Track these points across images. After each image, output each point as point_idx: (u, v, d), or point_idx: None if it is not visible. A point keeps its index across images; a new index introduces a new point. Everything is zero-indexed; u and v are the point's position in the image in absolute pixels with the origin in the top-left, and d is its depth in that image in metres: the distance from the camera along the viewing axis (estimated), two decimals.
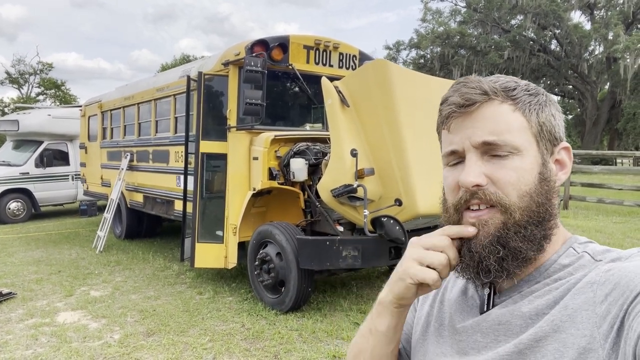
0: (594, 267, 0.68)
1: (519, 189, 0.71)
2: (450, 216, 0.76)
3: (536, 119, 0.74)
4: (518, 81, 0.76)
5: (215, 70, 5.55)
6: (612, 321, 0.61)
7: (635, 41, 24.57)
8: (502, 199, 0.70)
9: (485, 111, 0.73)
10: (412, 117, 4.02)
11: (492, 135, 0.71)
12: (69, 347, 4.06)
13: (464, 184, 0.72)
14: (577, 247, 0.73)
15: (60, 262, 7.09)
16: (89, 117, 10.09)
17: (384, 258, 4.44)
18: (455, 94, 0.75)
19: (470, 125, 0.73)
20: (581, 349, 0.62)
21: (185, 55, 45.59)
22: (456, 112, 0.74)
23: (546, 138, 0.74)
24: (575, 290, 0.67)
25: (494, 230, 0.71)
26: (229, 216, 5.33)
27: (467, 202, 0.73)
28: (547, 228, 0.72)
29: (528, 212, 0.71)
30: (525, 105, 0.74)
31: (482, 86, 0.74)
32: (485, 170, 0.72)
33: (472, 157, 0.72)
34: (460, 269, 0.75)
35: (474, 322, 0.76)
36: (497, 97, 0.73)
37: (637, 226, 9.45)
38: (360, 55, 6.15)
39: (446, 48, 32.66)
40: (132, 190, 8.16)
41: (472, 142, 0.72)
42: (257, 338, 4.20)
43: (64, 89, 41.12)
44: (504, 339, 0.71)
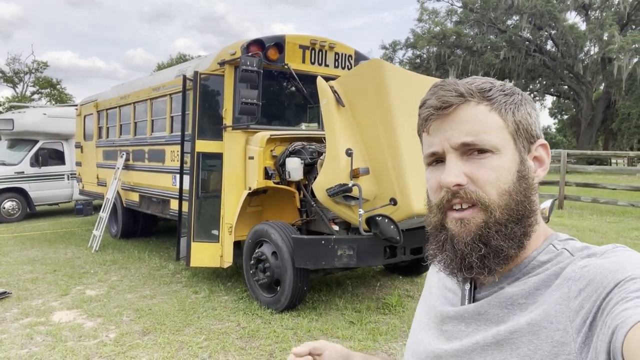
0: (569, 262, 0.70)
1: (498, 187, 0.73)
2: (434, 215, 0.78)
3: (512, 118, 0.76)
4: (493, 82, 0.78)
5: (211, 70, 5.55)
6: (585, 316, 0.63)
7: (630, 42, 24.70)
8: (482, 198, 0.72)
9: (462, 113, 0.75)
10: (407, 116, 4.04)
11: (470, 136, 0.73)
12: (64, 346, 4.06)
13: (445, 184, 0.74)
14: (557, 244, 0.75)
15: (56, 261, 7.08)
16: (84, 116, 10.07)
17: (379, 257, 4.46)
18: (433, 97, 0.77)
19: (448, 127, 0.75)
20: (555, 342, 0.65)
21: (182, 54, 45.55)
22: (434, 115, 0.76)
23: (523, 136, 0.76)
24: (553, 286, 0.69)
25: (476, 228, 0.73)
26: (225, 215, 5.34)
27: (449, 201, 0.75)
28: (527, 225, 0.74)
29: (508, 210, 0.73)
30: (501, 105, 0.75)
31: (458, 88, 0.76)
32: (465, 170, 0.74)
33: (451, 158, 0.75)
34: (444, 265, 0.77)
35: (456, 313, 0.79)
36: (473, 99, 0.75)
37: (630, 225, 9.52)
38: (356, 55, 6.17)
39: (442, 48, 32.73)
40: (128, 190, 8.15)
41: (451, 144, 0.75)
42: (253, 337, 4.22)
43: (59, 88, 40.97)
44: (483, 328, 0.74)
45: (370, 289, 5.56)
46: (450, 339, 0.79)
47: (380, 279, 5.97)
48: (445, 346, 0.79)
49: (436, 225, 0.78)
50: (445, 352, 0.78)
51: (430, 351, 0.81)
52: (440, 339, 0.81)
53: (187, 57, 44.05)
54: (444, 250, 0.77)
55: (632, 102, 28.35)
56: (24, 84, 39.84)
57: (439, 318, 0.83)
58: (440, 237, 0.77)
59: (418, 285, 5.70)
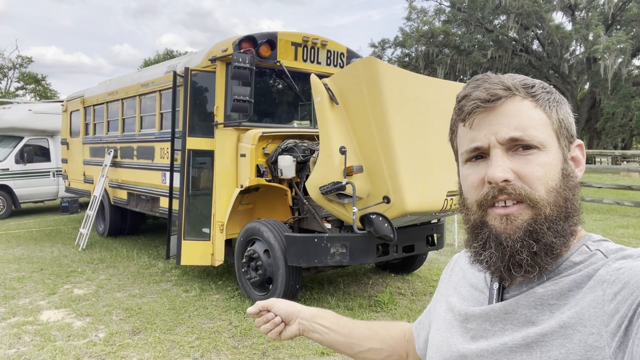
0: (603, 264, 0.68)
1: (547, 184, 0.71)
2: (472, 213, 0.76)
3: (556, 116, 0.74)
4: (533, 79, 0.77)
5: (202, 66, 5.50)
6: (620, 320, 0.61)
7: (615, 42, 25.06)
8: (530, 194, 0.70)
9: (509, 107, 0.73)
10: (401, 115, 4.05)
11: (518, 131, 0.71)
12: (53, 345, 3.99)
13: (493, 179, 0.71)
14: (590, 244, 0.73)
15: (42, 259, 6.97)
16: (71, 112, 9.92)
17: (371, 255, 4.46)
18: (478, 90, 0.74)
19: (495, 121, 0.73)
20: (588, 347, 0.63)
21: (169, 50, 45.15)
22: (480, 107, 0.73)
23: (565, 135, 0.75)
24: (586, 288, 0.67)
25: (526, 224, 0.70)
26: (216, 213, 5.29)
27: (495, 198, 0.72)
28: (574, 224, 0.73)
29: (557, 207, 0.71)
30: (545, 102, 0.74)
31: (504, 82, 0.74)
32: (511, 166, 0.71)
33: (498, 153, 0.72)
34: (487, 263, 0.74)
35: (482, 311, 0.77)
36: (519, 93, 0.73)
37: (616, 223, 9.67)
38: (348, 53, 6.15)
39: (431, 47, 32.90)
40: (116, 187, 8.05)
41: (498, 138, 0.72)
42: (245, 335, 4.19)
43: (44, 83, 40.35)
44: (510, 328, 0.72)
45: (362, 287, 5.56)
46: (475, 338, 0.77)
47: (372, 277, 5.97)
48: (471, 346, 0.77)
49: (476, 223, 0.76)
50: (471, 352, 0.76)
51: (455, 350, 0.79)
52: (465, 338, 0.79)
53: (175, 53, 43.67)
54: (487, 248, 0.73)
55: (617, 102, 28.77)
56: (8, 80, 39.16)
57: (463, 316, 0.81)
58: (483, 235, 0.74)
59: (409, 283, 5.72)
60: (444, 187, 4.21)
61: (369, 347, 1.08)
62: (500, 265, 0.72)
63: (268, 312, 1.13)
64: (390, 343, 1.09)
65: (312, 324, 1.10)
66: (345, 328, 1.10)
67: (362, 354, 1.09)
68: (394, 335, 1.10)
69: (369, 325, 1.11)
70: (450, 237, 7.60)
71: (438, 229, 5.27)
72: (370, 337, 1.09)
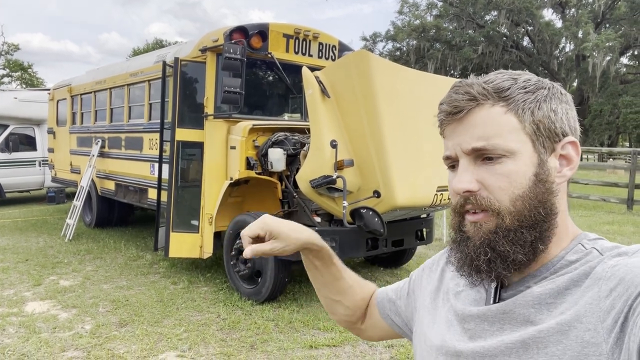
0: (599, 261, 0.69)
1: (512, 193, 0.71)
2: (453, 218, 0.79)
3: (531, 118, 0.72)
4: (517, 78, 0.75)
5: (192, 57, 5.43)
6: (616, 316, 0.61)
7: (604, 40, 25.29)
8: (492, 204, 0.72)
9: (474, 117, 0.73)
10: (392, 109, 4.04)
11: (481, 141, 0.71)
12: (38, 337, 3.94)
13: (456, 190, 0.74)
14: (585, 243, 0.73)
15: (28, 250, 6.88)
16: (57, 101, 9.76)
17: (361, 249, 4.47)
18: (445, 102, 0.76)
19: (461, 132, 0.74)
20: (585, 343, 0.63)
21: (158, 39, 44.62)
22: (446, 120, 0.76)
23: (544, 136, 0.73)
24: (584, 287, 0.68)
25: (485, 233, 0.73)
26: (205, 205, 5.25)
27: (463, 206, 0.75)
28: (543, 230, 0.72)
29: (518, 216, 0.71)
30: (519, 105, 0.72)
31: (470, 91, 0.73)
32: (477, 176, 0.72)
33: (463, 164, 0.74)
34: (458, 266, 0.78)
35: (479, 311, 0.78)
36: (487, 101, 0.73)
37: (602, 220, 9.79)
38: (339, 45, 6.12)
39: (422, 41, 32.93)
40: (103, 178, 7.96)
41: (462, 149, 0.73)
42: (233, 328, 4.18)
43: (31, 71, 39.70)
44: (508, 328, 0.73)
45: None
46: (473, 338, 0.77)
47: (361, 271, 5.98)
48: (468, 345, 0.77)
49: (454, 226, 0.79)
50: (468, 350, 0.76)
51: (450, 347, 0.80)
52: (462, 337, 0.79)
53: (164, 42, 43.18)
54: (459, 251, 0.77)
55: (604, 99, 29.10)
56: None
57: (461, 316, 0.81)
58: (458, 238, 0.78)
59: (398, 277, 5.74)
60: (434, 182, 4.22)
61: (339, 299, 1.10)
62: (466, 268, 0.76)
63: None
64: (358, 304, 1.11)
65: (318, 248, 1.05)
66: (335, 274, 1.09)
67: (328, 300, 1.12)
68: (364, 298, 1.12)
69: (351, 283, 1.11)
70: (439, 232, 7.64)
71: (427, 224, 5.29)
72: (346, 293, 1.10)
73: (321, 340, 3.94)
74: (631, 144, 37.32)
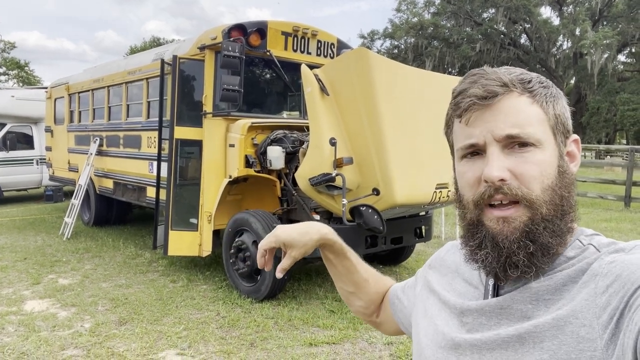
0: (596, 257, 0.69)
1: (542, 182, 0.70)
2: (469, 211, 0.75)
3: (553, 112, 0.73)
4: (530, 73, 0.76)
5: (190, 54, 5.42)
6: (612, 312, 0.62)
7: (602, 37, 25.31)
8: (527, 194, 0.70)
9: (506, 103, 0.71)
10: (392, 107, 4.04)
11: (515, 128, 0.70)
12: (37, 336, 3.94)
13: (490, 179, 0.70)
14: (583, 239, 0.74)
15: (26, 249, 6.86)
16: (55, 99, 9.73)
17: (360, 247, 4.47)
18: (475, 86, 0.73)
19: (491, 118, 0.72)
20: (580, 338, 0.64)
21: (156, 37, 44.51)
22: (477, 104, 0.72)
23: (561, 130, 0.74)
24: (581, 283, 0.68)
25: (523, 225, 0.70)
26: (204, 204, 5.25)
27: (491, 197, 0.71)
28: (570, 221, 0.73)
29: (553, 206, 0.71)
30: (542, 98, 0.73)
31: (501, 78, 0.72)
32: (507, 165, 0.70)
33: (494, 151, 0.71)
34: (483, 263, 0.74)
35: (478, 306, 0.78)
36: (516, 89, 0.72)
37: (600, 217, 9.82)
38: (338, 43, 6.11)
39: (420, 39, 32.91)
40: (102, 176, 7.94)
41: (494, 136, 0.71)
42: (233, 326, 4.18)
43: (28, 69, 39.56)
44: (505, 322, 0.73)
45: None
46: (470, 332, 0.77)
47: None
48: (465, 336, 0.77)
49: (472, 221, 0.75)
50: (465, 342, 0.76)
51: (450, 338, 0.80)
52: (460, 330, 0.79)
53: (162, 40, 43.08)
54: (483, 248, 0.73)
55: (602, 97, 29.14)
56: None
57: (459, 310, 0.81)
58: (479, 235, 0.74)
59: (397, 275, 5.75)
60: (433, 179, 4.22)
61: (353, 290, 1.13)
62: (495, 265, 0.72)
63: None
64: (373, 298, 1.13)
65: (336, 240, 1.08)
66: (349, 267, 1.11)
67: (343, 291, 1.15)
68: (379, 292, 1.14)
69: (366, 277, 1.13)
70: (438, 230, 7.65)
71: (426, 222, 5.30)
72: (360, 286, 1.12)
73: (321, 338, 3.94)
74: (628, 142, 37.42)
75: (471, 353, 0.75)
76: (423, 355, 0.86)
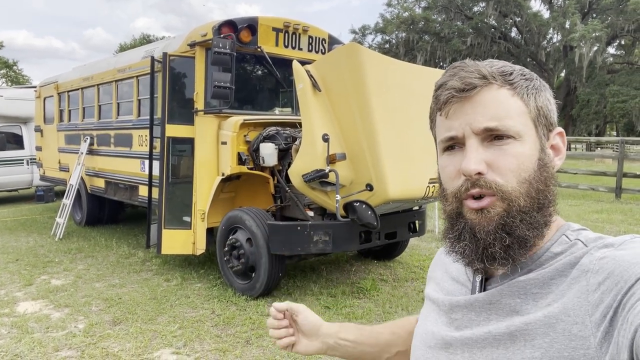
0: (585, 252, 0.68)
1: (519, 175, 0.70)
2: (449, 204, 0.75)
3: (534, 104, 0.73)
4: (513, 66, 0.75)
5: (180, 51, 5.38)
6: (605, 310, 0.61)
7: (591, 30, 25.44)
8: (502, 187, 0.69)
9: (485, 96, 0.71)
10: (384, 102, 4.03)
11: (494, 121, 0.70)
12: (31, 338, 3.91)
13: (466, 172, 0.70)
14: (569, 234, 0.73)
15: (17, 250, 6.80)
16: (44, 98, 9.63)
17: (354, 242, 4.47)
18: (454, 79, 0.72)
19: (470, 111, 0.71)
20: (572, 336, 0.63)
21: (145, 35, 44.17)
22: (455, 97, 0.72)
23: (543, 123, 0.74)
24: (570, 278, 0.67)
25: (498, 217, 0.70)
26: (197, 202, 5.23)
27: (468, 190, 0.71)
28: (548, 214, 0.72)
29: (529, 199, 0.70)
30: (523, 90, 0.72)
31: (480, 70, 0.72)
32: (485, 157, 0.70)
33: (472, 144, 0.71)
34: (462, 255, 0.74)
35: (466, 301, 0.77)
36: (496, 82, 0.72)
37: (590, 208, 9.90)
38: (329, 39, 6.09)
39: (411, 33, 32.92)
40: (93, 175, 7.88)
41: (472, 128, 0.71)
42: (228, 324, 4.17)
43: (16, 69, 39.13)
44: (495, 318, 0.72)
45: (344, 274, 5.59)
46: (460, 328, 0.77)
47: (354, 264, 6.00)
48: (455, 334, 0.77)
49: (452, 213, 0.75)
50: (456, 340, 0.76)
51: (439, 337, 0.79)
52: (450, 328, 0.79)
53: (152, 37, 42.76)
54: (462, 239, 0.73)
55: (592, 89, 29.32)
56: None
57: (447, 307, 0.81)
58: (458, 227, 0.74)
59: (391, 269, 5.77)
60: (426, 174, 4.23)
61: (396, 351, 1.05)
62: (474, 257, 0.72)
63: (284, 319, 1.08)
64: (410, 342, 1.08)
65: (337, 341, 1.05)
66: (370, 338, 1.06)
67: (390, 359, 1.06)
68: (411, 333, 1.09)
69: (391, 329, 1.07)
70: (431, 224, 7.68)
71: (419, 216, 5.31)
72: (395, 341, 1.06)
73: None
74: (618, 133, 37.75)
75: (462, 352, 0.75)
76: (414, 356, 0.86)
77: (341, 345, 1.04)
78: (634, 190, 11.02)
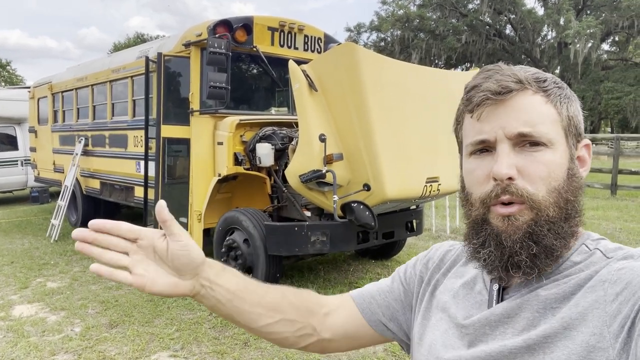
0: (605, 264, 0.68)
1: (549, 184, 0.69)
2: (475, 209, 0.73)
3: (566, 112, 0.72)
4: (545, 73, 0.74)
5: (175, 51, 5.34)
6: (622, 321, 0.60)
7: (585, 27, 25.52)
8: (533, 196, 0.68)
9: (519, 101, 0.70)
10: (380, 101, 4.01)
11: (527, 127, 0.69)
12: (27, 342, 3.87)
13: (498, 176, 0.69)
14: (589, 244, 0.72)
15: (13, 252, 6.75)
16: (38, 99, 9.56)
17: (352, 242, 4.46)
18: (489, 81, 0.71)
19: (504, 115, 0.70)
20: (590, 347, 0.62)
21: (140, 34, 43.97)
22: (490, 100, 0.70)
23: (573, 133, 0.73)
24: (586, 287, 0.66)
25: (526, 225, 0.69)
26: (194, 202, 5.20)
27: (498, 196, 0.70)
28: (574, 225, 0.71)
29: (558, 209, 0.69)
30: (557, 98, 0.72)
31: (516, 74, 0.71)
32: (516, 163, 0.69)
33: (504, 148, 0.69)
34: (485, 262, 0.73)
35: (482, 316, 0.75)
36: (531, 87, 0.71)
37: (587, 205, 9.85)
38: (325, 37, 6.07)
39: (406, 31, 32.91)
40: (88, 177, 7.83)
41: (506, 133, 0.69)
42: (226, 326, 4.15)
43: (10, 69, 38.89)
44: (511, 332, 0.71)
45: (342, 274, 5.58)
46: (473, 343, 0.75)
47: (352, 264, 5.99)
48: (469, 350, 0.75)
49: (477, 219, 0.73)
50: (470, 356, 0.74)
51: (451, 353, 0.77)
52: (462, 341, 0.77)
53: (146, 36, 42.58)
54: (487, 246, 0.72)
55: (586, 86, 29.43)
56: None
57: (460, 319, 0.79)
58: (483, 233, 0.73)
59: (389, 269, 5.76)
60: (423, 173, 4.22)
61: (280, 317, 0.89)
62: (498, 264, 0.71)
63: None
64: (304, 314, 0.92)
65: (212, 286, 0.83)
66: (253, 294, 0.88)
67: (269, 327, 0.89)
68: (309, 306, 0.94)
69: (283, 292, 0.92)
70: (429, 223, 7.68)
71: (417, 215, 5.30)
72: (283, 306, 0.90)
73: None
74: (613, 130, 37.93)
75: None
76: None
77: (215, 292, 0.83)
78: (630, 187, 11.06)
